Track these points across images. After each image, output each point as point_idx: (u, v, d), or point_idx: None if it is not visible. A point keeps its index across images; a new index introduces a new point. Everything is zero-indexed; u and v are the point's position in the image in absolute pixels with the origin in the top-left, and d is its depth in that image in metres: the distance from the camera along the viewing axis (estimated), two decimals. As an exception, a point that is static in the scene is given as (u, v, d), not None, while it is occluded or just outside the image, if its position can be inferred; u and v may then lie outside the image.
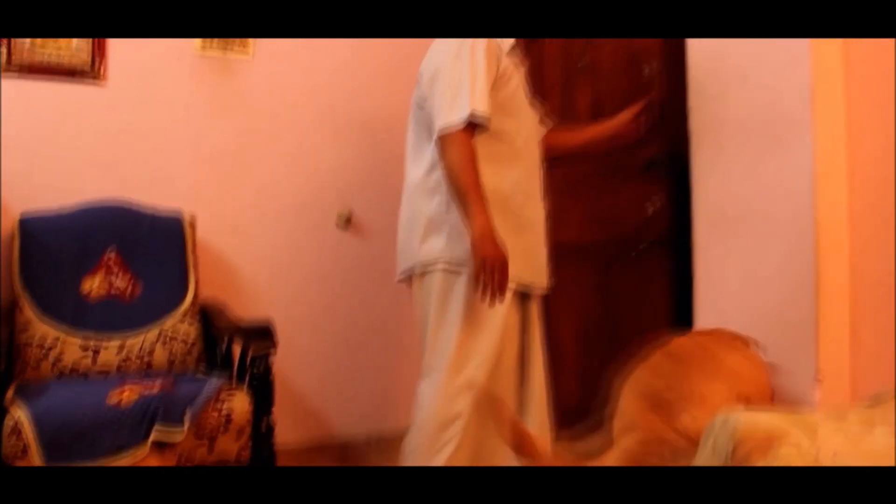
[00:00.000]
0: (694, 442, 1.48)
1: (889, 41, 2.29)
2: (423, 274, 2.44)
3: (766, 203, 2.42)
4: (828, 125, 2.26)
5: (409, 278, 2.52)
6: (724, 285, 2.57)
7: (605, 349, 2.97)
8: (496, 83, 2.37)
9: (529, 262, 2.46)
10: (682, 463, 1.55)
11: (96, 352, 2.70)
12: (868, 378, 2.27)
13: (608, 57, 3.09)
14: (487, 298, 2.22)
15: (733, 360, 2.04)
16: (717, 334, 2.29)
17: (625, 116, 2.76)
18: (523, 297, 2.50)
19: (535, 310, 2.57)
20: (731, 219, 2.53)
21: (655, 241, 2.90)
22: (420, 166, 2.47)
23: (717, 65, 2.57)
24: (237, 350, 2.74)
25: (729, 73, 2.53)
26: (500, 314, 2.36)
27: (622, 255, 3.03)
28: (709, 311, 2.61)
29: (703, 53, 2.62)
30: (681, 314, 2.74)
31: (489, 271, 2.20)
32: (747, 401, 1.81)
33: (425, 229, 2.43)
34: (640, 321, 2.92)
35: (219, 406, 2.42)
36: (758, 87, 2.43)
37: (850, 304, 2.33)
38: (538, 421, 2.50)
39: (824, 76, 2.26)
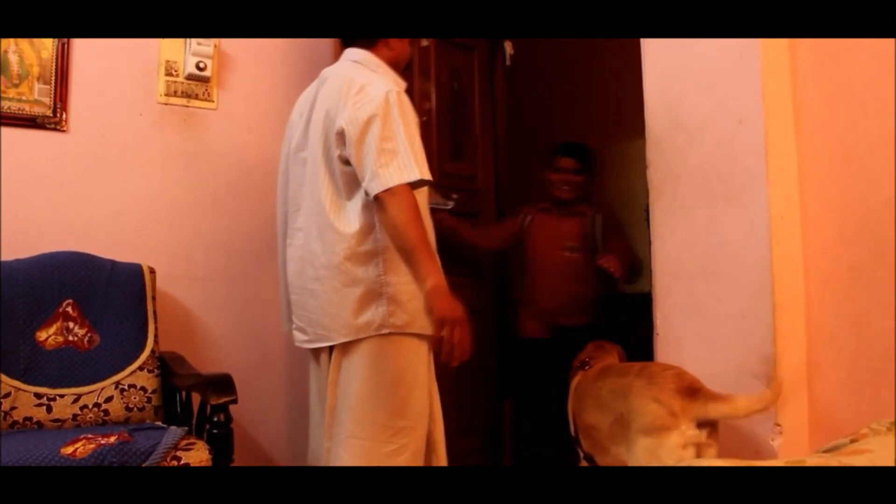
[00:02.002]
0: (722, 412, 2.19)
1: (839, 94, 2.36)
2: (352, 341, 2.34)
3: (724, 256, 2.46)
4: (782, 179, 2.32)
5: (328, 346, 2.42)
6: (682, 337, 2.60)
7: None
8: None
9: None
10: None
11: (51, 401, 2.64)
12: (826, 429, 2.30)
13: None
14: (449, 359, 2.10)
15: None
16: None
17: None
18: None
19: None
20: (689, 272, 2.57)
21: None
22: (347, 229, 2.32)
23: (673, 119, 2.62)
24: (196, 401, 2.70)
25: (685, 128, 2.58)
26: (424, 370, 2.34)
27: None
28: (668, 361, 2.62)
29: (659, 108, 2.68)
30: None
31: (450, 331, 2.07)
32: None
33: (362, 298, 2.31)
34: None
35: (177, 457, 2.38)
36: (713, 141, 2.48)
37: (807, 356, 2.37)
38: (439, 456, 2.46)
39: (777, 130, 2.33)
